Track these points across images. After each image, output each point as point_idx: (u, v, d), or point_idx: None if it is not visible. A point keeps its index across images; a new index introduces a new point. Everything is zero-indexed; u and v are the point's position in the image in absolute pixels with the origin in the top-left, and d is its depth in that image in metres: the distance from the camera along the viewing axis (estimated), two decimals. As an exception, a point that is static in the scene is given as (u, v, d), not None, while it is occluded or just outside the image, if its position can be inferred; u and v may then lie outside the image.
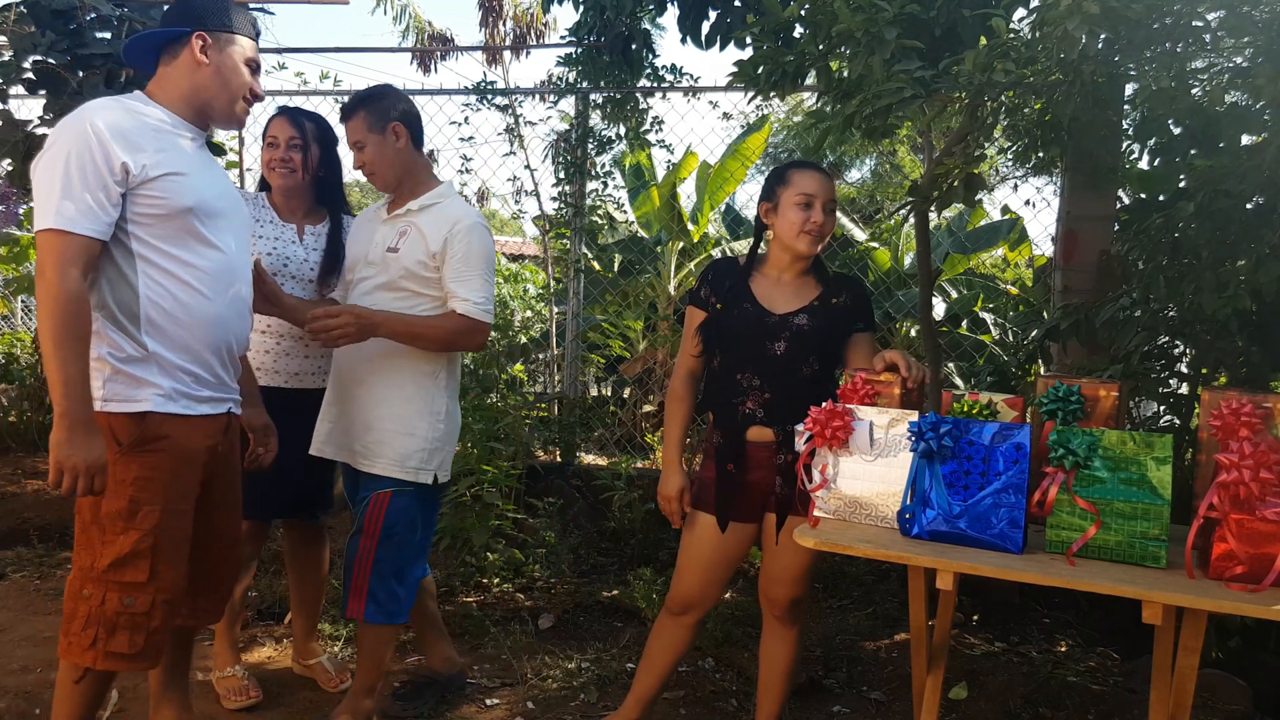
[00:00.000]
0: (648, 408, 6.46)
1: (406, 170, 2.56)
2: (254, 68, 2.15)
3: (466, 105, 5.28)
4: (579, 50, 4.79)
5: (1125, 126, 3.39)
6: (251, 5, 3.74)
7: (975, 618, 3.64)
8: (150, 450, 1.97)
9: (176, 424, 2.01)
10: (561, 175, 5.09)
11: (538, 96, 5.42)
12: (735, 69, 2.89)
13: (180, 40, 2.05)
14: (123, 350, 1.96)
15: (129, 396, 1.96)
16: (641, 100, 4.98)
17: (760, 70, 2.83)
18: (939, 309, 6.56)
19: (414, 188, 2.57)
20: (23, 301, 7.63)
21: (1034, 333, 3.64)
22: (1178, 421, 3.18)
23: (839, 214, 7.93)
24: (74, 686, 2.02)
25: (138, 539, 1.95)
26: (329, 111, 5.44)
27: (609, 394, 7.46)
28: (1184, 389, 3.18)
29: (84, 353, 1.86)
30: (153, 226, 1.97)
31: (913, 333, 6.57)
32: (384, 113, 2.49)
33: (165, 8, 2.09)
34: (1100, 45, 2.31)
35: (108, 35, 3.40)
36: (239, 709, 2.80)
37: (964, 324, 6.48)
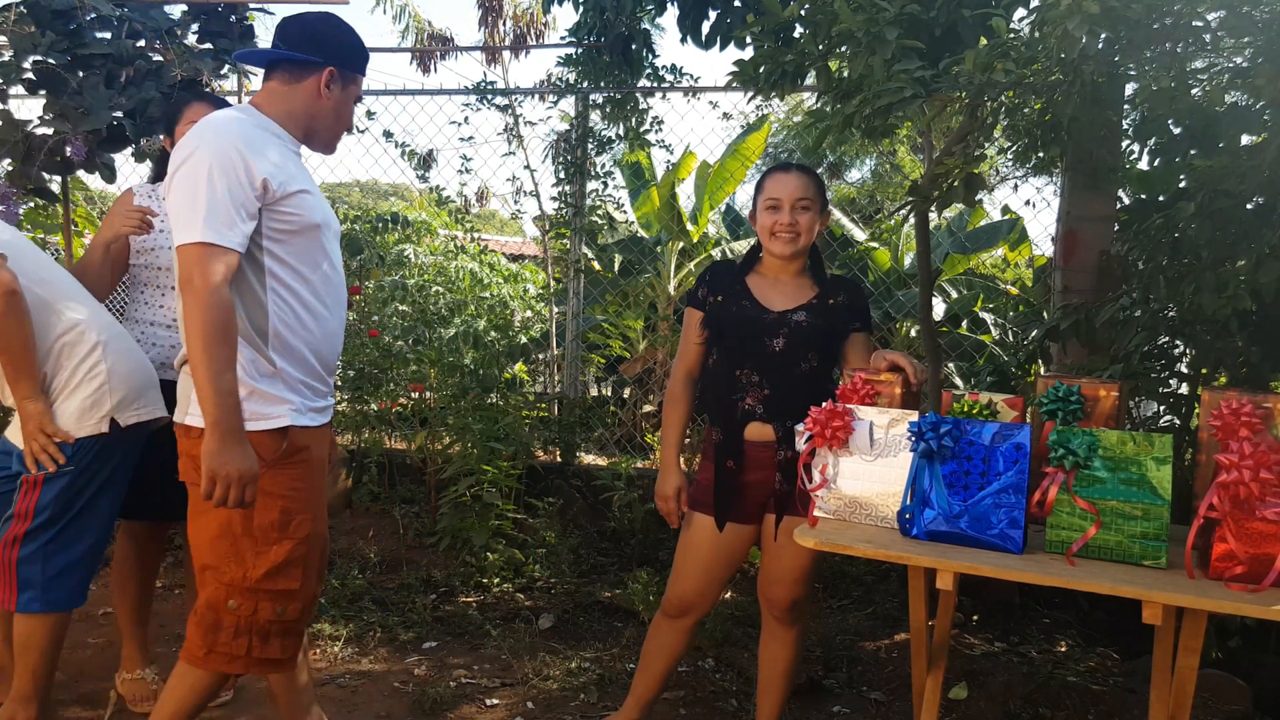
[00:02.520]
0: (648, 408, 6.46)
1: None
2: (357, 103, 2.21)
3: (466, 105, 5.28)
4: (579, 50, 4.79)
5: (1125, 126, 3.39)
6: (252, 5, 3.74)
7: (975, 618, 3.64)
8: (295, 462, 2.01)
9: (309, 435, 2.05)
10: (561, 175, 5.09)
11: (538, 96, 5.43)
12: (735, 69, 2.89)
13: (308, 67, 2.05)
14: (256, 367, 1.97)
15: (267, 414, 1.97)
16: (641, 100, 4.98)
17: (760, 70, 2.83)
18: (939, 309, 6.56)
19: None
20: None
21: (1034, 333, 3.63)
22: (1178, 421, 3.18)
23: (838, 214, 7.97)
24: (200, 690, 2.04)
25: (291, 548, 1.99)
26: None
27: (609, 394, 7.47)
28: (1184, 389, 3.17)
29: (234, 363, 1.87)
30: (285, 243, 1.98)
31: (913, 333, 6.58)
32: None
33: (284, 19, 2.08)
34: (1100, 45, 2.31)
35: (107, 35, 3.40)
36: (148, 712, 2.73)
37: (964, 324, 6.48)
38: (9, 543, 2.33)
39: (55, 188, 3.66)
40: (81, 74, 3.31)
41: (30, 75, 3.32)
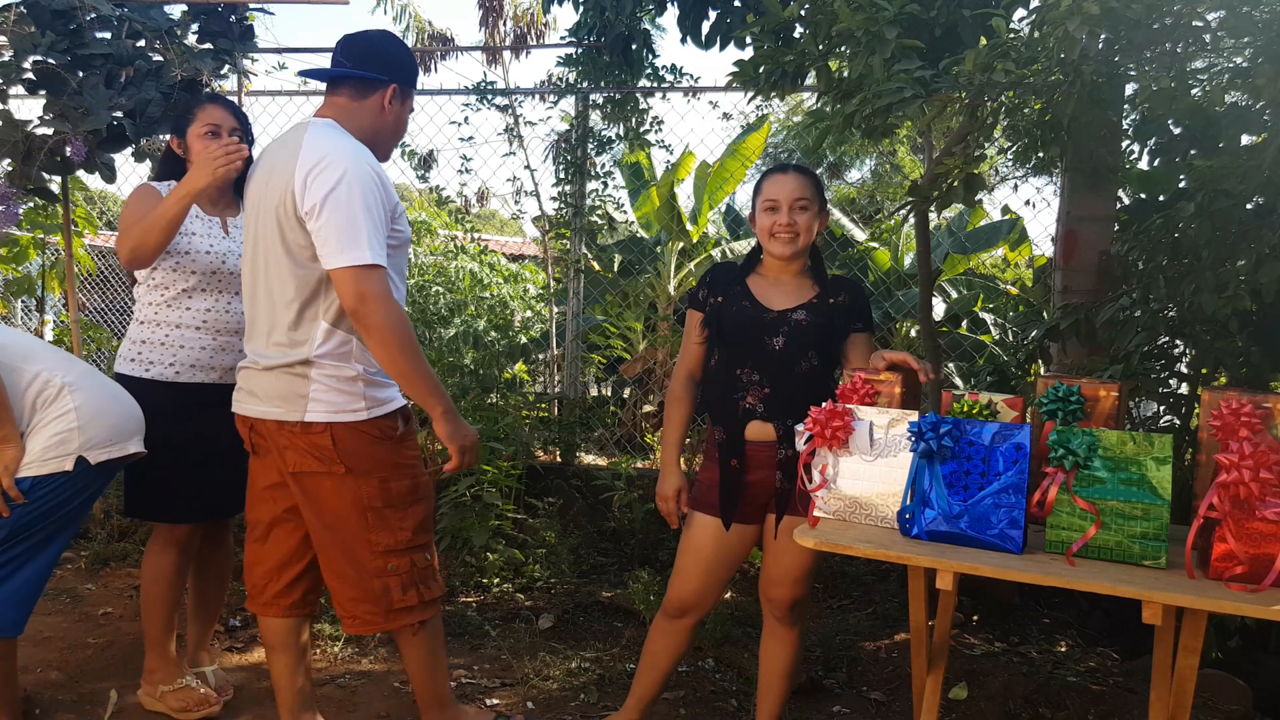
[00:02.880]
0: (648, 408, 6.47)
1: None
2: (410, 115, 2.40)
3: (466, 105, 5.28)
4: (579, 50, 4.79)
5: (1125, 126, 3.39)
6: (252, 5, 3.74)
7: (975, 618, 3.64)
8: (409, 433, 2.30)
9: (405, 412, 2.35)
10: (561, 175, 5.09)
11: (538, 96, 5.43)
12: (735, 69, 2.89)
13: (373, 84, 2.21)
14: (370, 366, 2.21)
15: (386, 400, 2.24)
16: (641, 100, 4.98)
17: (760, 70, 2.84)
18: (939, 309, 6.56)
19: None
20: (23, 303, 7.63)
21: (1034, 333, 3.64)
22: (1178, 421, 3.18)
23: (838, 214, 7.97)
24: (428, 642, 2.30)
25: (426, 504, 2.30)
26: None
27: (609, 394, 7.47)
28: (1184, 389, 3.18)
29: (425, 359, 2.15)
30: (389, 256, 2.14)
31: (913, 333, 6.57)
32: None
33: (349, 37, 2.23)
34: (1100, 45, 2.32)
35: (107, 35, 3.40)
36: (202, 716, 2.70)
37: (964, 324, 6.48)
38: None
39: (55, 188, 3.66)
40: (81, 74, 3.31)
41: (30, 75, 3.31)
